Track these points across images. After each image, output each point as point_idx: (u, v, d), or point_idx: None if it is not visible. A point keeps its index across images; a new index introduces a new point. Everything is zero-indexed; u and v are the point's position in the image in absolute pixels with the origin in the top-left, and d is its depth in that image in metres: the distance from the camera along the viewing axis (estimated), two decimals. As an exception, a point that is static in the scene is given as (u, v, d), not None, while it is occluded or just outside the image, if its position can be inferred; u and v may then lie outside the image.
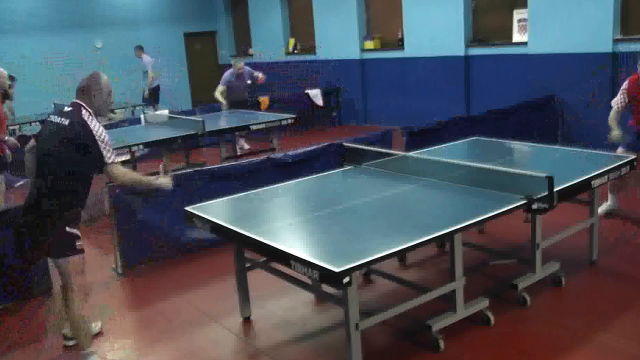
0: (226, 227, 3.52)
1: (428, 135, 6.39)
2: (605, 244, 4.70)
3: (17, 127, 10.08)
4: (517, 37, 9.13)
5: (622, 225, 5.33)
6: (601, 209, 5.39)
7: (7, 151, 5.56)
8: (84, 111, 3.47)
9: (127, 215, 5.05)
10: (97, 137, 3.40)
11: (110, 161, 3.46)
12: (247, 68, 9.85)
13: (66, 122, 3.43)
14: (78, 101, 3.55)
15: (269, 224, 3.61)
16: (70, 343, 3.89)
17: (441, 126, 6.89)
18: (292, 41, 13.72)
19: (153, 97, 12.31)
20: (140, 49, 12.36)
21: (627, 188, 5.58)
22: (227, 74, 9.63)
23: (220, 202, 4.11)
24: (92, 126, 3.42)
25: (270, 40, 14.10)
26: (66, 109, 3.54)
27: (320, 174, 4.67)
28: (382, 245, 3.00)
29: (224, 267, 4.55)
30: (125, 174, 3.61)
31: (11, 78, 7.69)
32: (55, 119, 3.51)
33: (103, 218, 6.10)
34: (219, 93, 9.62)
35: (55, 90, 12.85)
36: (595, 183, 4.01)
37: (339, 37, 12.04)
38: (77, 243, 3.46)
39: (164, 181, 3.86)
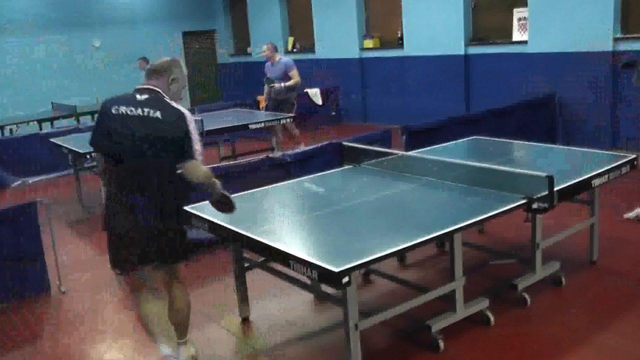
0: (225, 227, 3.50)
1: (428, 135, 6.37)
2: (605, 244, 4.68)
3: (14, 127, 10.04)
4: (517, 36, 9.11)
5: (622, 225, 5.32)
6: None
7: None
8: (168, 99, 3.07)
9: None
10: (191, 130, 3.06)
11: (198, 157, 3.11)
12: (285, 59, 8.88)
13: (157, 113, 3.00)
14: (152, 86, 3.07)
15: (268, 223, 3.60)
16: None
17: (441, 125, 6.87)
18: (291, 40, 13.69)
19: None
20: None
21: None
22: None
23: (219, 201, 4.09)
24: (187, 117, 3.05)
25: (270, 39, 13.94)
26: (140, 96, 3.03)
27: (320, 174, 4.64)
28: (381, 245, 2.99)
29: (223, 267, 4.53)
30: (206, 171, 3.21)
31: None
32: (132, 110, 3.00)
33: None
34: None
35: (53, 90, 12.90)
36: (596, 183, 4.00)
37: (338, 35, 12.02)
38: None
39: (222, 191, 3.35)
